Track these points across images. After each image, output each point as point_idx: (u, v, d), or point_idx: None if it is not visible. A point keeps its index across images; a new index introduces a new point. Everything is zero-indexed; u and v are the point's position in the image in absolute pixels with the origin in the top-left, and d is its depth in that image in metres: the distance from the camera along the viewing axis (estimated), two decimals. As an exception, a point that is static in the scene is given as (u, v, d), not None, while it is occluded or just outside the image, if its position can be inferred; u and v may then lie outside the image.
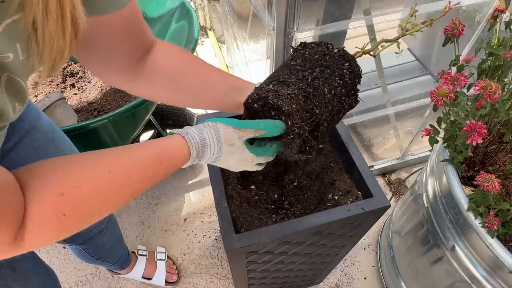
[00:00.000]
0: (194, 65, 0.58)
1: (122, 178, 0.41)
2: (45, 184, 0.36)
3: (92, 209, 0.40)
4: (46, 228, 0.36)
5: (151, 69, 0.55)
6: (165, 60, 0.55)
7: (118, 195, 0.41)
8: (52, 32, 0.30)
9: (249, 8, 1.36)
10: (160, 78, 0.56)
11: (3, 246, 0.33)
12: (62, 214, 0.36)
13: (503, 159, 0.84)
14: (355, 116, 1.46)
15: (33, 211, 0.35)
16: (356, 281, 1.33)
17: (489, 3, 1.00)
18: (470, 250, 0.76)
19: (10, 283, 0.67)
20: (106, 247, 1.04)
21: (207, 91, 0.59)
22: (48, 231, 0.36)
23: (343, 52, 0.53)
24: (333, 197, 0.75)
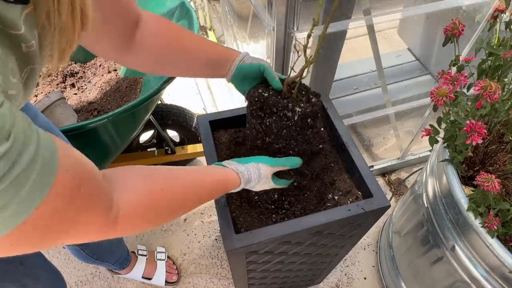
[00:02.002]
0: (180, 36, 0.62)
1: (196, 191, 0.52)
2: (135, 181, 0.44)
3: (171, 209, 0.48)
4: (136, 216, 0.42)
5: (140, 42, 0.57)
6: (153, 33, 0.58)
7: (190, 203, 0.52)
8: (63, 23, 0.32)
9: (249, 8, 1.36)
10: (148, 50, 0.59)
11: (99, 226, 0.37)
12: (150, 207, 0.44)
13: (503, 159, 0.84)
14: (355, 116, 1.46)
15: (124, 200, 0.40)
16: (356, 281, 1.33)
17: (489, 3, 1.00)
18: (470, 250, 0.76)
19: (20, 277, 0.68)
20: (104, 247, 1.04)
21: (191, 63, 0.64)
22: (138, 219, 0.43)
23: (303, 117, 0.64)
24: (333, 197, 0.75)
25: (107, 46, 0.56)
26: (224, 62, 0.65)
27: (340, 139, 0.78)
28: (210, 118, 0.82)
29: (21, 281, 0.67)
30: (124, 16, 0.54)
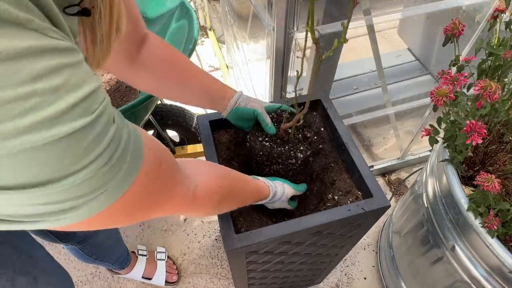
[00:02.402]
0: (182, 64, 0.65)
1: (244, 187, 0.60)
2: (203, 167, 0.51)
3: (232, 194, 0.56)
4: (212, 193, 0.49)
5: (143, 61, 0.59)
6: (157, 54, 0.61)
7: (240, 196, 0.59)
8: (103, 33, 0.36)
9: (249, 8, 1.36)
10: (149, 71, 0.61)
11: (182, 199, 0.42)
12: (220, 186, 0.51)
13: (503, 159, 0.84)
14: (355, 116, 1.46)
15: (200, 178, 0.47)
16: (356, 281, 1.33)
17: (489, 3, 1.00)
18: (470, 250, 0.76)
19: (31, 270, 0.69)
20: (103, 247, 1.04)
21: (188, 93, 0.68)
22: (214, 195, 0.50)
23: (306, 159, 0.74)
24: (333, 197, 0.75)
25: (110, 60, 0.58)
26: (220, 100, 0.71)
27: (340, 139, 0.78)
28: (210, 118, 0.82)
29: (31, 274, 0.69)
30: (130, 34, 0.55)
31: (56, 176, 0.24)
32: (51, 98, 0.22)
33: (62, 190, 0.25)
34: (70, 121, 0.23)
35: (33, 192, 0.23)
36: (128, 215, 0.34)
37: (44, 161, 0.23)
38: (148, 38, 0.60)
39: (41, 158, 0.23)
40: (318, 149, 0.82)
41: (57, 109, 0.23)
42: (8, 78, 0.20)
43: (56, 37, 0.24)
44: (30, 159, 0.22)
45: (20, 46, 0.21)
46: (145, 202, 0.35)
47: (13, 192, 0.23)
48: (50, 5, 0.24)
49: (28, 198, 0.24)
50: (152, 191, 0.35)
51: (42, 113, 0.22)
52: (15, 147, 0.21)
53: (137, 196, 0.33)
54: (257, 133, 0.75)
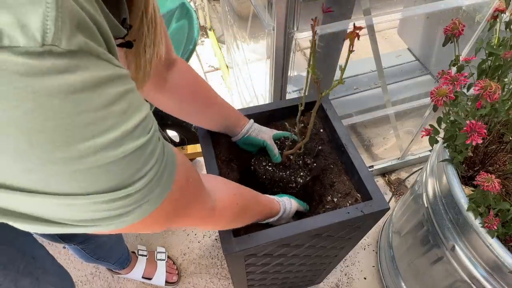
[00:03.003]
0: (204, 90, 0.70)
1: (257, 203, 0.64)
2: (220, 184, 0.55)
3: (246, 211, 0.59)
4: (229, 208, 0.53)
5: (171, 84, 0.63)
6: (183, 80, 0.65)
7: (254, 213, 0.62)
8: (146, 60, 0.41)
9: (249, 8, 1.36)
10: (174, 95, 0.65)
11: (202, 211, 0.46)
12: (236, 203, 0.54)
13: (503, 159, 0.84)
14: (355, 116, 1.46)
15: (219, 195, 0.50)
16: (356, 281, 1.33)
17: (489, 3, 1.00)
18: (470, 250, 0.76)
19: (33, 271, 0.70)
20: (105, 247, 1.04)
21: (207, 118, 0.73)
22: (230, 211, 0.53)
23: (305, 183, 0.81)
24: (332, 199, 0.75)
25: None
26: (233, 127, 0.76)
27: (339, 140, 0.78)
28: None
29: (34, 274, 0.69)
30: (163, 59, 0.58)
31: (120, 185, 0.27)
32: (122, 120, 0.26)
33: (119, 197, 0.28)
34: (134, 140, 0.27)
35: (97, 198, 0.26)
36: (158, 224, 0.37)
37: (114, 174, 0.27)
38: (176, 62, 0.63)
39: (111, 171, 0.26)
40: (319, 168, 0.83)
41: (126, 129, 0.26)
42: (91, 103, 0.23)
43: (118, 66, 0.27)
44: (103, 172, 0.26)
45: (100, 75, 0.24)
46: (174, 213, 0.38)
47: (80, 198, 0.26)
48: (111, 38, 0.28)
49: (91, 204, 0.27)
50: (180, 203, 0.39)
51: (115, 133, 0.25)
52: (93, 163, 0.25)
53: (168, 207, 0.36)
54: (261, 158, 0.81)
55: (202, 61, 2.20)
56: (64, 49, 0.21)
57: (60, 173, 0.24)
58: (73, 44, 0.22)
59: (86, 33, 0.23)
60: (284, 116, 0.88)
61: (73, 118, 0.23)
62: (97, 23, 0.25)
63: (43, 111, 0.21)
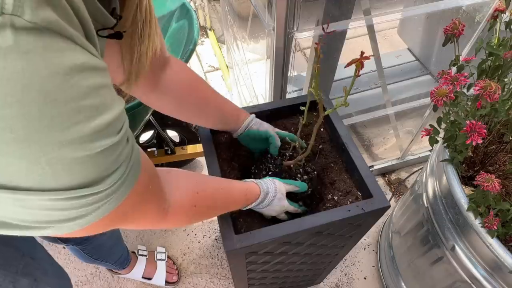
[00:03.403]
0: (200, 87, 0.68)
1: (226, 197, 0.60)
2: (182, 183, 0.51)
3: (208, 209, 0.56)
4: (184, 212, 0.50)
5: (165, 84, 0.61)
6: (177, 79, 0.63)
7: (220, 207, 0.60)
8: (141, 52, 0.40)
9: (249, 8, 1.36)
10: (170, 95, 0.63)
11: (154, 216, 0.44)
12: (194, 205, 0.51)
13: (503, 159, 0.84)
14: (355, 116, 1.46)
15: (175, 198, 0.47)
16: (356, 281, 1.33)
17: (489, 3, 1.00)
18: (470, 250, 0.76)
19: (32, 271, 0.70)
20: (104, 247, 1.04)
21: (206, 116, 0.71)
22: (184, 215, 0.50)
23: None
24: (333, 198, 0.75)
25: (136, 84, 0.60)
26: (233, 122, 0.74)
27: (340, 139, 0.78)
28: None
29: (32, 275, 0.69)
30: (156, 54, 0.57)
31: (88, 183, 0.26)
32: (92, 115, 0.24)
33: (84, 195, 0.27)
34: (104, 138, 0.26)
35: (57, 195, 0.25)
36: (110, 225, 0.36)
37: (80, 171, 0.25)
38: (169, 62, 0.61)
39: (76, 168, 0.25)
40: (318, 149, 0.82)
41: (96, 126, 0.25)
42: (61, 94, 0.22)
43: (95, 56, 0.25)
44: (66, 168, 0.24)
45: (73, 62, 0.22)
46: (126, 216, 0.37)
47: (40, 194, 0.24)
48: (90, 25, 0.26)
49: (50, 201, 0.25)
50: (136, 207, 0.38)
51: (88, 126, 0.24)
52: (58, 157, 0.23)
53: (125, 209, 0.35)
54: (261, 166, 0.80)
55: (202, 61, 2.20)
56: (29, 21, 0.19)
57: (20, 165, 0.22)
58: (40, 17, 0.20)
59: (57, 10, 0.21)
60: (284, 115, 0.88)
61: (40, 107, 0.21)
62: (73, 5, 0.23)
63: (7, 96, 0.19)
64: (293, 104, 0.86)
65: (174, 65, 0.62)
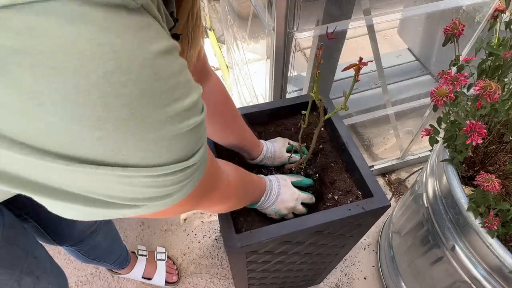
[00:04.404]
0: (230, 103, 0.70)
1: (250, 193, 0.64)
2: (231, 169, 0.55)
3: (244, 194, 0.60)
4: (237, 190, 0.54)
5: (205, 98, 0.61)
6: (215, 91, 0.65)
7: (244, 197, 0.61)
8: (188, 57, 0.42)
9: (249, 8, 1.36)
10: (211, 109, 0.64)
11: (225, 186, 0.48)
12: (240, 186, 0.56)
13: (503, 159, 0.84)
14: (355, 116, 1.46)
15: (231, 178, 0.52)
16: (356, 281, 1.33)
17: (489, 3, 1.00)
18: (470, 250, 0.76)
19: (35, 270, 0.70)
20: (101, 248, 1.04)
21: (231, 129, 0.73)
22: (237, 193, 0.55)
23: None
24: (333, 197, 0.75)
25: None
26: (250, 150, 0.77)
27: (340, 139, 0.78)
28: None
29: (34, 273, 0.70)
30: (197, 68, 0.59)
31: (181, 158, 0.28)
32: (187, 91, 0.26)
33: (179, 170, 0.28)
34: (196, 114, 0.27)
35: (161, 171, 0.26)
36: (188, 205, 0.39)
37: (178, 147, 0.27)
38: (210, 77, 0.63)
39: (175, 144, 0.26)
40: (318, 149, 0.82)
41: (191, 102, 0.26)
42: (165, 70, 0.23)
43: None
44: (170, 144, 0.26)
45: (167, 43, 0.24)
46: (204, 192, 0.41)
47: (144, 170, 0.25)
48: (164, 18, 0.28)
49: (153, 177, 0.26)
50: (209, 182, 0.41)
51: (183, 104, 0.25)
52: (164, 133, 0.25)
53: (202, 186, 0.37)
54: (262, 168, 0.81)
55: (202, 61, 2.19)
56: (137, 3, 0.20)
57: (131, 142, 0.23)
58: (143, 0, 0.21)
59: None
60: (284, 115, 0.89)
61: (151, 84, 0.22)
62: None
63: (122, 73, 0.20)
64: (293, 104, 0.86)
65: (214, 82, 0.64)
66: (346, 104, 0.56)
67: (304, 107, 0.71)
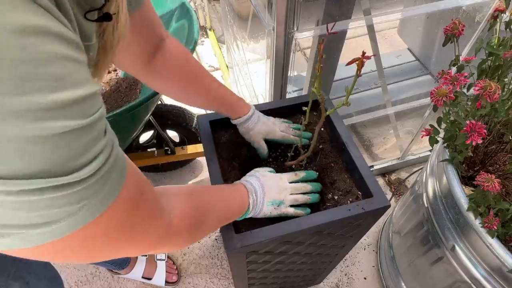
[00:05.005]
0: (194, 75, 0.66)
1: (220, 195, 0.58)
2: (175, 190, 0.48)
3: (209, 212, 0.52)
4: (185, 227, 0.45)
5: (157, 67, 0.60)
6: (171, 63, 0.62)
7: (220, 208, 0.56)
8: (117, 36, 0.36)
9: (249, 8, 1.36)
10: (164, 77, 0.62)
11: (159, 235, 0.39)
12: (195, 208, 0.48)
13: (503, 159, 0.84)
14: (355, 116, 1.47)
15: (177, 213, 0.43)
16: (356, 281, 1.33)
17: (489, 3, 1.00)
18: (470, 250, 0.76)
19: (24, 275, 0.69)
20: None
21: (203, 99, 0.69)
22: (185, 230, 0.45)
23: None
24: (333, 197, 0.75)
25: (127, 60, 0.58)
26: (233, 110, 0.73)
27: (340, 139, 0.78)
28: (210, 118, 0.82)
29: (24, 279, 0.69)
30: (146, 36, 0.57)
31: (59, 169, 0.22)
32: (53, 86, 0.21)
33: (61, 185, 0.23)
34: (67, 118, 0.22)
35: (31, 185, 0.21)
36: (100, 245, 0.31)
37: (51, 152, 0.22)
38: (164, 43, 0.60)
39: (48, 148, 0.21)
40: (319, 149, 0.82)
41: (57, 100, 0.21)
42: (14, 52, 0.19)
43: (65, 25, 0.23)
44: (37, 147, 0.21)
45: (31, 21, 0.20)
46: (122, 230, 0.32)
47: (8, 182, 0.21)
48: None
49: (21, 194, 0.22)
50: (132, 220, 0.33)
51: (42, 99, 0.20)
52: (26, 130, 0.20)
53: (115, 220, 0.30)
54: (263, 162, 0.80)
55: (202, 61, 2.20)
56: None
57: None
58: None
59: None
60: (284, 115, 0.88)
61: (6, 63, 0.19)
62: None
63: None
64: (293, 104, 0.86)
65: (169, 47, 0.61)
66: (347, 100, 0.56)
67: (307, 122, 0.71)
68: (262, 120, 0.77)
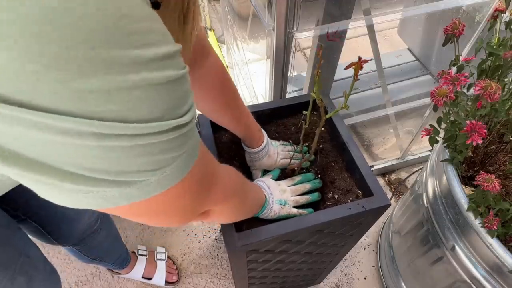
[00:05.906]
0: (234, 89, 0.67)
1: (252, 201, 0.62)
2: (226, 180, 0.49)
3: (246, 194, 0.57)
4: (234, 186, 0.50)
5: (196, 76, 0.60)
6: (214, 70, 0.62)
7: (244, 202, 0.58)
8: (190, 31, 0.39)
9: (249, 8, 1.36)
10: (207, 82, 0.62)
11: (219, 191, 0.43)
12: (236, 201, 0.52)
13: (503, 159, 0.84)
14: (355, 116, 1.47)
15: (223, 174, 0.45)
16: (356, 281, 1.34)
17: (489, 3, 1.00)
18: (470, 250, 0.76)
19: (28, 269, 0.70)
20: (101, 247, 1.04)
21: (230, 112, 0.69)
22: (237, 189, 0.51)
23: None
24: (333, 196, 0.75)
25: None
26: (251, 137, 0.75)
27: (340, 138, 0.78)
28: (211, 118, 0.82)
29: (28, 273, 0.70)
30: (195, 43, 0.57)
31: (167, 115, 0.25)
32: (163, 40, 0.23)
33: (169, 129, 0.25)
34: (175, 67, 0.25)
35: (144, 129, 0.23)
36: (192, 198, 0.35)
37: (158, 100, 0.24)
38: (209, 54, 0.60)
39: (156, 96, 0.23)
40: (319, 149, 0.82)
41: (168, 51, 0.24)
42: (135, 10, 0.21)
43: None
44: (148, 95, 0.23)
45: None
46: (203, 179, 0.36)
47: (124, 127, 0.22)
48: None
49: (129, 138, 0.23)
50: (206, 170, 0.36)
51: (158, 51, 0.23)
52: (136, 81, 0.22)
53: (196, 178, 0.33)
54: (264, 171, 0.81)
55: (202, 61, 2.20)
56: None
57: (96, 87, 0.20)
58: None
59: None
60: (284, 115, 0.89)
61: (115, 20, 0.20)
62: None
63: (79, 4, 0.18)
64: (293, 104, 0.86)
65: (212, 62, 0.62)
66: (346, 104, 0.57)
67: (304, 107, 0.71)
68: (268, 153, 0.78)
